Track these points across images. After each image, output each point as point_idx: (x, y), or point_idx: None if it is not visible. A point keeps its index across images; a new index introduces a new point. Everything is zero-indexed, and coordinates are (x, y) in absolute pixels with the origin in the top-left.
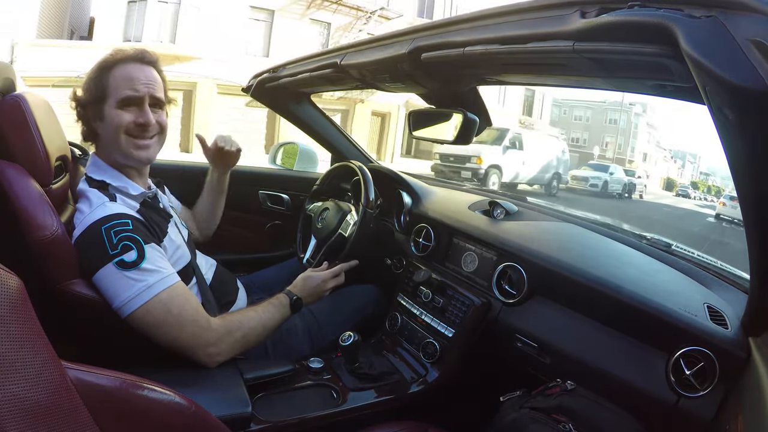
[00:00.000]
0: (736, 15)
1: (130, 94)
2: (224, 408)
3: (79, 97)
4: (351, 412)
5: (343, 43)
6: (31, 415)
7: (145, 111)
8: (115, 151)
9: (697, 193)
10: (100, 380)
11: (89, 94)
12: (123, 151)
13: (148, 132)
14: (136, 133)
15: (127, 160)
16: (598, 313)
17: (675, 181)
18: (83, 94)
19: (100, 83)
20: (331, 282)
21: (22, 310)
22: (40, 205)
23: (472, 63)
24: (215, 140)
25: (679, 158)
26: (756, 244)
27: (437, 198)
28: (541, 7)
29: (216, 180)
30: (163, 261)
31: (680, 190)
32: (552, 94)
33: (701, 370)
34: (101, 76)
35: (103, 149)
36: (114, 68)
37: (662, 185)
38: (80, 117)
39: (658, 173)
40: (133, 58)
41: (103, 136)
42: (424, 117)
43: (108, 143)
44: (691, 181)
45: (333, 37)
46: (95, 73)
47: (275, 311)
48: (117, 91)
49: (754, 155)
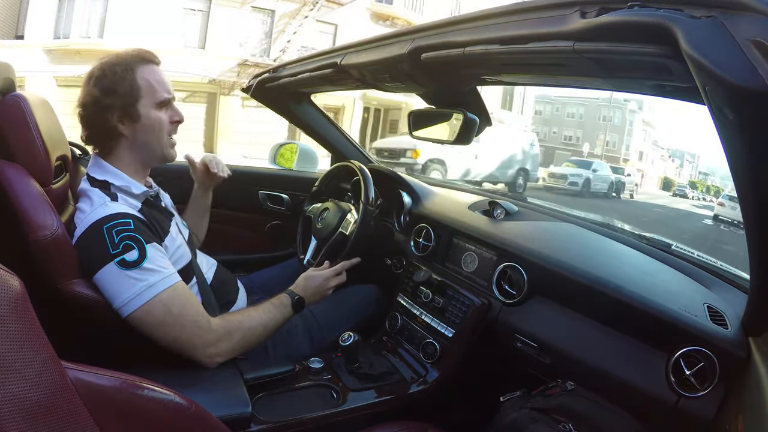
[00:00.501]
0: (736, 15)
1: (168, 97)
2: (224, 408)
3: (97, 98)
4: (351, 412)
5: (289, 31)
6: (31, 415)
7: (177, 110)
8: (148, 151)
9: (696, 192)
10: (100, 380)
11: (116, 95)
12: (160, 150)
13: (176, 130)
14: (171, 132)
15: (157, 159)
16: (598, 313)
17: (673, 180)
18: (104, 96)
19: (128, 84)
20: (333, 280)
21: (22, 310)
22: (40, 205)
23: (472, 63)
24: (203, 159)
25: (677, 157)
26: (756, 244)
27: (437, 198)
28: (541, 7)
29: (200, 196)
30: (164, 260)
31: (678, 190)
32: (537, 89)
33: (701, 370)
34: (126, 77)
35: (125, 150)
36: (136, 69)
37: (659, 185)
38: (91, 120)
39: (656, 172)
40: (149, 60)
41: (136, 137)
42: (424, 117)
43: (142, 143)
44: (689, 180)
45: (277, 25)
46: (119, 74)
47: (276, 311)
48: (152, 92)
49: (754, 155)
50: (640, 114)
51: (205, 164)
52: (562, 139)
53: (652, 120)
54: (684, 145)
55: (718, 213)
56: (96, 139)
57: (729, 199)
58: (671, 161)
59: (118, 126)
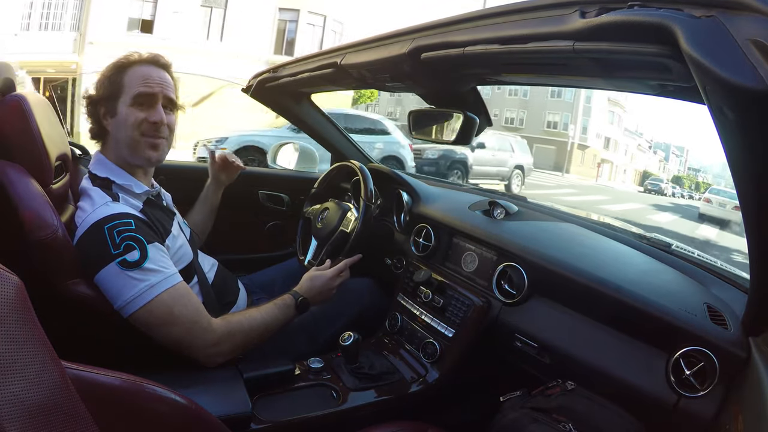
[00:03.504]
0: (736, 15)
1: (144, 91)
2: (224, 408)
3: (92, 95)
4: (351, 412)
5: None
6: (31, 415)
7: (158, 110)
8: (125, 149)
9: (679, 189)
10: (100, 380)
11: (102, 91)
12: (134, 149)
13: (160, 131)
14: (148, 132)
15: (136, 159)
16: (598, 313)
17: (656, 175)
18: (96, 92)
19: (114, 81)
20: (337, 279)
21: (22, 310)
22: (40, 205)
23: (472, 63)
24: (222, 154)
25: (661, 149)
26: (756, 244)
27: (437, 198)
28: (541, 7)
29: (211, 194)
30: (165, 260)
31: (650, 184)
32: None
33: (701, 370)
34: (116, 75)
35: (112, 147)
36: (129, 68)
37: (636, 179)
38: (90, 114)
39: (632, 165)
40: (147, 61)
41: (114, 134)
42: (424, 117)
43: (119, 141)
44: (674, 175)
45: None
46: (110, 72)
47: (279, 312)
48: (131, 88)
49: (754, 155)
50: (604, 91)
51: (224, 157)
52: (504, 123)
53: (621, 100)
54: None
55: (705, 212)
56: (94, 135)
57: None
58: (653, 153)
59: (103, 122)
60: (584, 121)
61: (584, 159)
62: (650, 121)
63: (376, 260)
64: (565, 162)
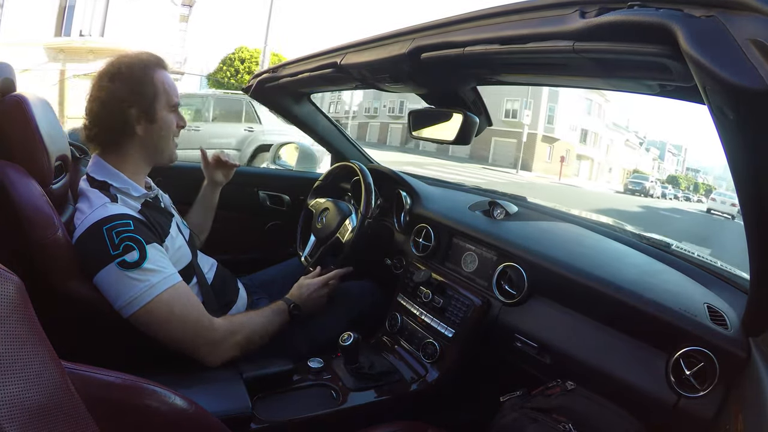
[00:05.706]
0: (736, 15)
1: (178, 101)
2: (224, 408)
3: (121, 96)
4: (351, 412)
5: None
6: (31, 415)
7: (182, 115)
8: (155, 152)
9: (672, 190)
10: (100, 380)
11: (137, 94)
12: (164, 151)
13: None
14: (176, 135)
15: (169, 160)
16: (598, 313)
17: (643, 173)
18: (129, 94)
19: (148, 84)
20: (324, 289)
21: (22, 310)
22: (40, 205)
23: (472, 63)
24: (214, 154)
25: (656, 147)
26: (756, 243)
27: (437, 198)
28: (541, 7)
29: (208, 194)
30: (164, 261)
31: (632, 183)
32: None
33: (701, 370)
34: (146, 78)
35: (128, 151)
36: (154, 71)
37: (624, 179)
38: (111, 116)
39: (619, 162)
40: (163, 65)
41: (144, 137)
42: (424, 117)
43: (149, 145)
44: (669, 175)
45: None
46: (141, 74)
47: (275, 316)
48: (167, 96)
49: (754, 155)
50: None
51: (217, 156)
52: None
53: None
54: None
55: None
56: (105, 138)
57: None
58: (645, 150)
59: (134, 125)
60: (550, 108)
61: (552, 154)
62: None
63: (376, 260)
64: (521, 157)
